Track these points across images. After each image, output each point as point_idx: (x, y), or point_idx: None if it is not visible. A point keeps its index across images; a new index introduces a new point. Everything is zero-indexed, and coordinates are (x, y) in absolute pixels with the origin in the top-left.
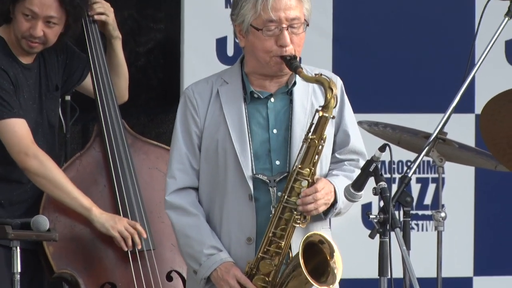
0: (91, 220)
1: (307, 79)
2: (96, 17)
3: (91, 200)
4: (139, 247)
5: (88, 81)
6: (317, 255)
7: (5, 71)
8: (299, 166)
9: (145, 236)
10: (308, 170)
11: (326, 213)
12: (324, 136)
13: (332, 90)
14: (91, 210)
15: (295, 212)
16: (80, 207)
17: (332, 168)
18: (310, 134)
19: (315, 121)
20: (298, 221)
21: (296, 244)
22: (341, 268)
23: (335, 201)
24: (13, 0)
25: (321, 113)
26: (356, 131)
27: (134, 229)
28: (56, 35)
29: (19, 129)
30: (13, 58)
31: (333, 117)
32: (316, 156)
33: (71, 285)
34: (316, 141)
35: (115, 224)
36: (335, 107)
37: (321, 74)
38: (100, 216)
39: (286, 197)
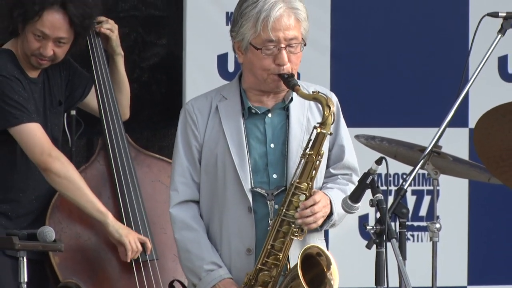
0: (106, 225)
1: (305, 96)
2: (102, 30)
3: None
4: (134, 256)
5: (89, 99)
6: (315, 267)
7: (19, 80)
8: (297, 180)
9: (149, 252)
10: (306, 184)
11: (322, 225)
12: (322, 152)
13: (329, 107)
14: (107, 215)
15: (293, 225)
16: (97, 211)
17: (326, 182)
18: (308, 150)
19: (312, 137)
20: (296, 234)
21: (294, 256)
22: (337, 279)
23: (331, 213)
24: (23, 19)
25: (319, 130)
26: (351, 147)
27: (143, 243)
28: (64, 53)
29: (39, 132)
30: (21, 71)
31: (331, 134)
32: (314, 171)
33: None
34: (314, 157)
35: (128, 234)
36: (332, 123)
37: (318, 92)
38: (115, 222)
39: (284, 210)
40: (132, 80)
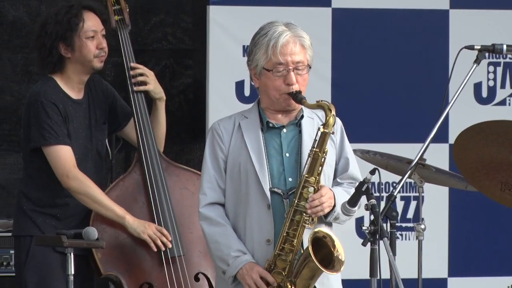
0: (125, 227)
1: (310, 106)
2: (135, 89)
3: (131, 215)
4: (169, 246)
5: (128, 131)
6: (322, 248)
7: (55, 104)
8: (306, 175)
9: (170, 239)
10: (314, 178)
11: (326, 216)
12: (326, 150)
13: (331, 110)
14: (124, 218)
15: (304, 214)
16: (116, 216)
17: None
18: (314, 148)
19: (318, 137)
20: (307, 222)
21: (306, 242)
22: (343, 254)
23: (334, 205)
24: (75, 31)
25: (322, 129)
26: (354, 160)
27: (161, 233)
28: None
29: (62, 154)
30: (63, 94)
31: (333, 133)
32: (320, 167)
33: (115, 285)
34: (319, 154)
35: (145, 229)
36: (333, 124)
37: (321, 100)
38: (133, 223)
39: (296, 201)
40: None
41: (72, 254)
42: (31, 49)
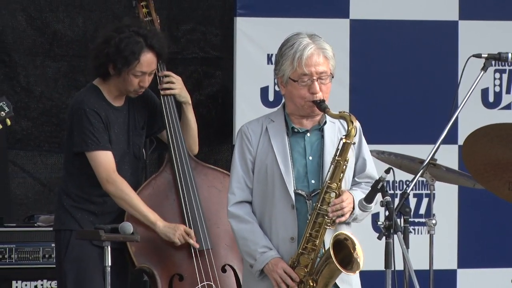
0: (157, 232)
1: (333, 115)
2: (162, 93)
3: (162, 211)
4: (196, 246)
5: (165, 133)
6: (343, 249)
7: (97, 113)
8: (329, 181)
9: (194, 239)
10: (336, 184)
11: None
12: (347, 158)
13: (352, 122)
14: (155, 224)
15: (326, 217)
16: (148, 221)
17: (352, 187)
18: (336, 157)
19: (340, 147)
20: (328, 224)
21: (328, 242)
22: (362, 257)
23: (353, 208)
24: (127, 66)
25: (344, 140)
26: (371, 160)
27: (188, 235)
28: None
29: (103, 160)
30: (106, 102)
31: (354, 143)
32: (341, 174)
33: (149, 276)
34: (341, 162)
35: (175, 233)
36: (355, 135)
37: (344, 111)
38: (163, 228)
39: (319, 205)
40: (194, 107)
41: (109, 247)
42: (71, 58)
